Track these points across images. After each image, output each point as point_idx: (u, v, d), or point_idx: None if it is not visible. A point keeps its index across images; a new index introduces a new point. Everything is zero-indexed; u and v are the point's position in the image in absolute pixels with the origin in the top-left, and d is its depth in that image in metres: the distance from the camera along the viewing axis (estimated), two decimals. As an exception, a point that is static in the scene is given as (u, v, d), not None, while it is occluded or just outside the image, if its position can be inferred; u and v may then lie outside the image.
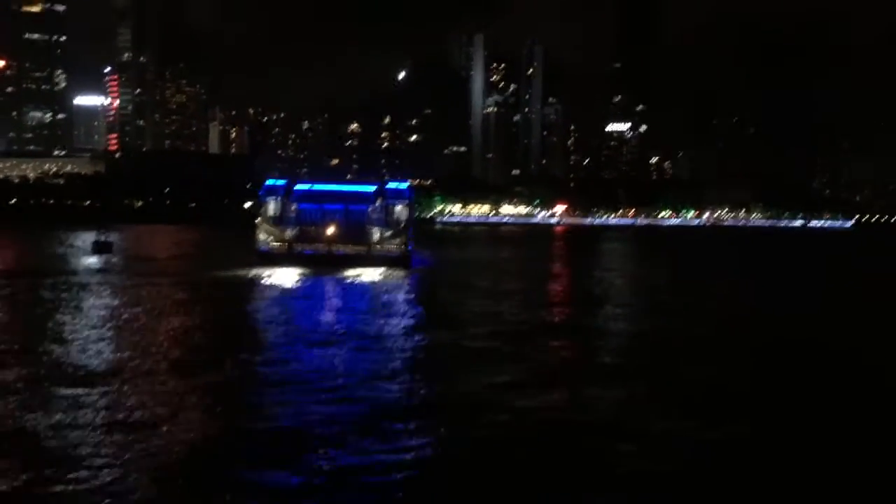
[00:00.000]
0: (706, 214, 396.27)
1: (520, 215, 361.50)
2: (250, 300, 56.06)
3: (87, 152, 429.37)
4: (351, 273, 73.51)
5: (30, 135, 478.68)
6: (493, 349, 37.50)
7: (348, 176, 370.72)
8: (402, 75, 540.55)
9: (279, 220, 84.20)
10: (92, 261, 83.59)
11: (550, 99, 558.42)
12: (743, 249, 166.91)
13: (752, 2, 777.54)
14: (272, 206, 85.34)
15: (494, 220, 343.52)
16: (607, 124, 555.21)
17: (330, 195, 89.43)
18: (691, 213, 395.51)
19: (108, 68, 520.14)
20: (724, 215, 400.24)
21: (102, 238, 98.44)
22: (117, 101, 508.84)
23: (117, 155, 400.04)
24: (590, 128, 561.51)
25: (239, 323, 45.14)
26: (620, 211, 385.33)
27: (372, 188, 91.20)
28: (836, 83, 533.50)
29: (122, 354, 34.03)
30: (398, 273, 76.12)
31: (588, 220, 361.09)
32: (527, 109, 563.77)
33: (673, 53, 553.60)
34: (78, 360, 32.40)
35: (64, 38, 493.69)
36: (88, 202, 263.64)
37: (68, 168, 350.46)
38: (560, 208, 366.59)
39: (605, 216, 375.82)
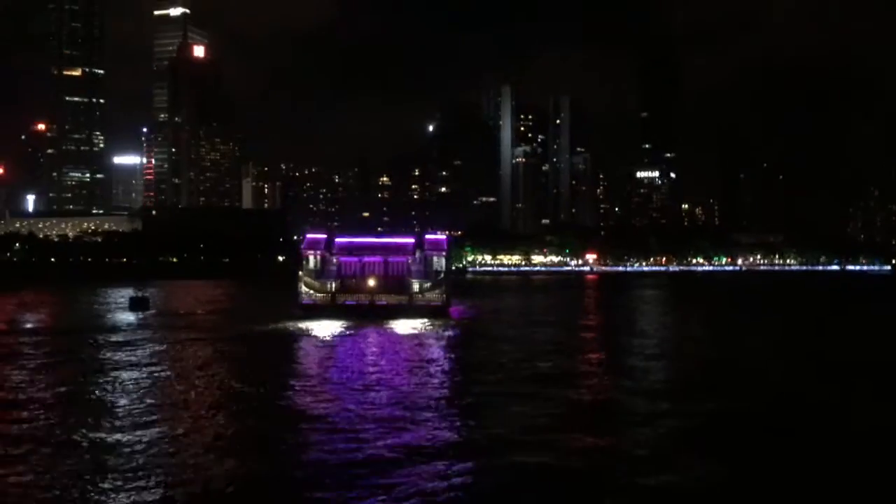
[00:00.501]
0: (739, 260, 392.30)
1: (551, 264, 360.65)
2: (298, 352, 57.14)
3: (124, 210, 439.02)
4: (394, 324, 74.24)
5: (69, 194, 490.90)
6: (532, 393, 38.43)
7: (379, 228, 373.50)
8: (431, 128, 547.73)
9: (320, 273, 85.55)
10: (129, 317, 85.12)
11: (578, 148, 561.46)
12: (781, 296, 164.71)
13: (776, 50, 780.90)
14: (313, 260, 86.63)
15: (525, 269, 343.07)
16: (636, 172, 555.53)
17: (369, 247, 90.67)
18: (724, 260, 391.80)
19: (145, 129, 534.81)
20: (758, 261, 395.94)
21: (139, 294, 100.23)
22: (153, 160, 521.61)
23: (153, 212, 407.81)
24: (619, 176, 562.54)
25: (289, 374, 45.99)
26: (652, 258, 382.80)
27: (410, 240, 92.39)
28: (863, 128, 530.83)
29: (185, 400, 34.94)
30: (438, 323, 76.73)
31: (620, 268, 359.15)
32: (555, 159, 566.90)
33: (699, 101, 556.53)
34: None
35: (103, 100, 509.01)
36: (125, 259, 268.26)
37: (106, 226, 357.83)
38: (591, 257, 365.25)
39: (638, 264, 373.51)
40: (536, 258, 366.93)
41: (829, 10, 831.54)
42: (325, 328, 70.89)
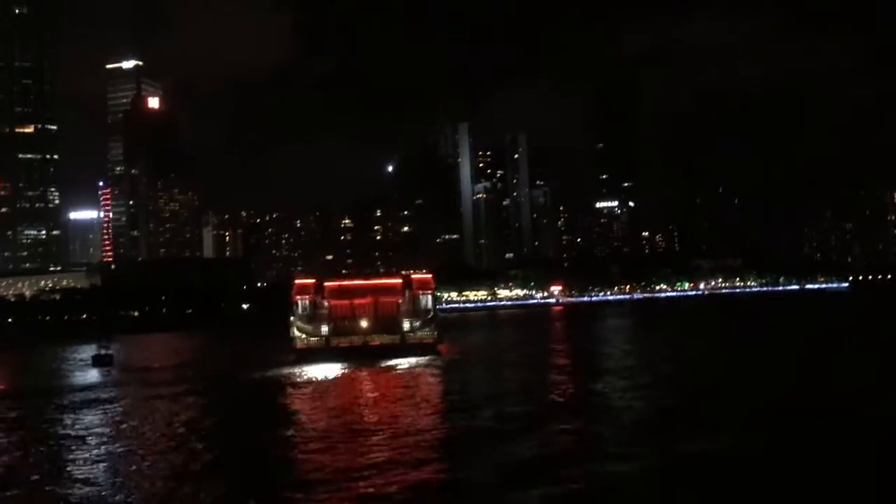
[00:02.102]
0: (702, 285, 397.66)
1: (517, 298, 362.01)
2: (299, 399, 56.88)
3: (82, 266, 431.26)
4: (390, 363, 75.41)
5: (25, 253, 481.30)
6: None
7: (343, 270, 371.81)
8: (390, 168, 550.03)
9: (312, 318, 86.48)
10: (93, 374, 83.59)
11: (538, 182, 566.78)
12: (746, 317, 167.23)
13: (728, 78, 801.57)
14: (303, 304, 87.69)
15: (492, 304, 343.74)
16: (595, 202, 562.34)
17: (359, 289, 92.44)
18: (687, 285, 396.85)
19: (101, 183, 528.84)
20: (719, 284, 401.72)
21: (102, 351, 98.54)
22: (111, 214, 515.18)
23: (112, 266, 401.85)
24: (579, 207, 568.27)
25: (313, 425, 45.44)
26: (616, 287, 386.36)
27: (398, 281, 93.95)
28: (814, 151, 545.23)
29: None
30: (431, 360, 78.50)
31: (585, 298, 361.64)
32: (515, 193, 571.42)
33: (653, 127, 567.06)
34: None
35: (57, 156, 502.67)
36: (85, 315, 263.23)
37: (64, 283, 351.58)
38: (556, 288, 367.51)
39: (602, 293, 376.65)
40: (502, 292, 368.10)
41: (778, 37, 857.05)
42: (322, 371, 71.35)
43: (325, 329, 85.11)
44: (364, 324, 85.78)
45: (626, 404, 47.69)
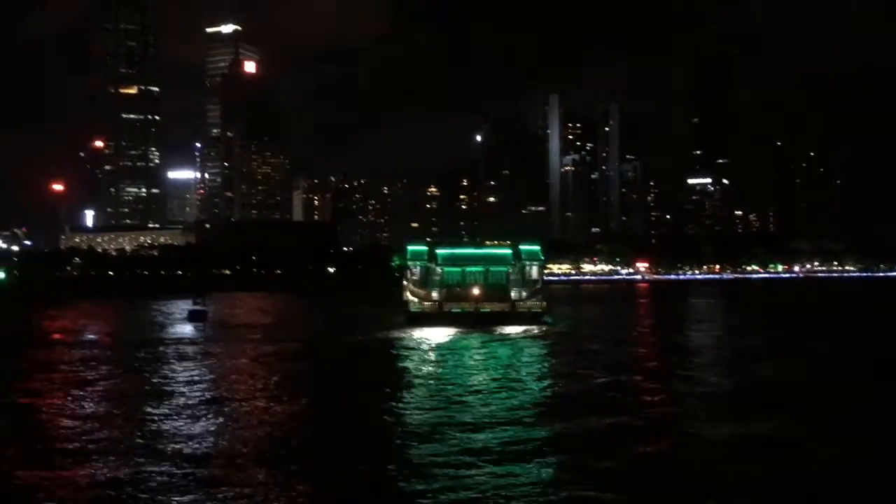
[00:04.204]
0: (796, 267, 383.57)
1: (601, 273, 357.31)
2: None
3: (179, 224, 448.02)
4: (502, 330, 77.50)
5: (126, 209, 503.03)
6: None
7: (427, 238, 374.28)
8: (479, 138, 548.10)
9: (425, 283, 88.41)
10: (189, 329, 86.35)
11: (628, 156, 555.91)
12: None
13: (834, 54, 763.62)
14: (418, 270, 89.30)
15: (576, 278, 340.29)
16: (687, 179, 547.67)
17: (471, 258, 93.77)
18: (780, 267, 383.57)
19: (199, 144, 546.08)
20: (816, 267, 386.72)
21: (198, 307, 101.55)
22: (207, 175, 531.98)
23: (207, 226, 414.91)
24: (670, 183, 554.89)
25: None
26: (705, 266, 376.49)
27: (509, 251, 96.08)
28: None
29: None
30: (539, 328, 79.92)
31: (672, 276, 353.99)
32: (604, 167, 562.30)
33: (752, 105, 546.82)
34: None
35: (158, 117, 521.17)
36: (180, 272, 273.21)
37: (161, 240, 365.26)
38: (642, 265, 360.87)
39: (690, 271, 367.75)
40: (586, 267, 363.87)
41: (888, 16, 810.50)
42: (438, 335, 73.57)
43: (437, 294, 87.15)
44: (475, 291, 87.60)
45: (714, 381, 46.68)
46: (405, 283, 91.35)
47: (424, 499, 23.50)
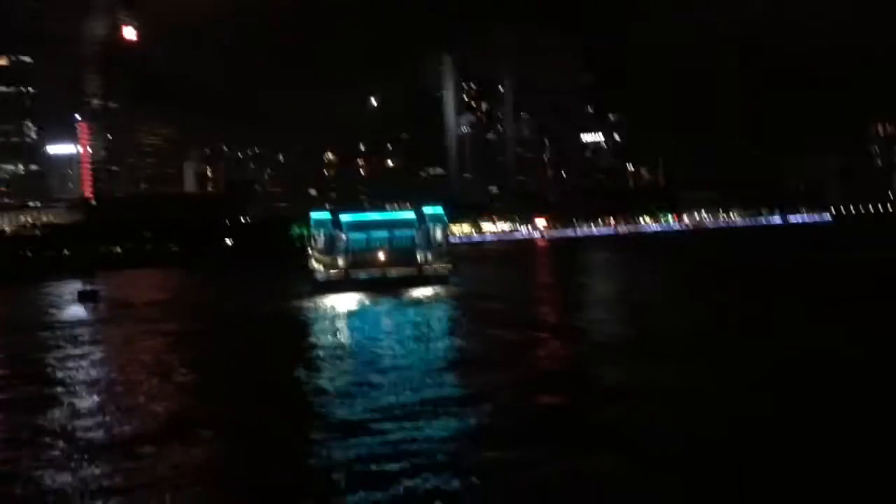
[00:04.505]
0: (686, 218, 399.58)
1: (502, 232, 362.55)
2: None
3: (62, 202, 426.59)
4: (410, 293, 78.78)
5: (4, 188, 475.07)
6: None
7: (326, 205, 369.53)
8: (374, 101, 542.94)
9: (330, 250, 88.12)
10: (79, 311, 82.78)
11: (523, 114, 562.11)
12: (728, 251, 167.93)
13: (717, 13, 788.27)
14: (322, 238, 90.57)
15: (477, 238, 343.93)
16: (581, 136, 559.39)
17: (376, 223, 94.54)
18: (671, 218, 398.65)
19: (79, 117, 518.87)
20: (704, 217, 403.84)
21: (88, 287, 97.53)
22: (90, 149, 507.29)
23: (94, 202, 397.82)
24: (565, 141, 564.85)
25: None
26: (601, 221, 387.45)
27: (413, 214, 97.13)
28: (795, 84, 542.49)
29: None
30: (446, 289, 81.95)
31: (570, 232, 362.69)
32: (500, 127, 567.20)
33: (641, 62, 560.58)
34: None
35: (33, 89, 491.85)
36: (67, 251, 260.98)
37: (45, 218, 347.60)
38: (541, 222, 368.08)
39: (587, 227, 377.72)
40: (487, 227, 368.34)
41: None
42: (346, 301, 73.51)
43: (343, 261, 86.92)
44: (381, 256, 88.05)
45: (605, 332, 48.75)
46: (310, 251, 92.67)
47: (339, 460, 23.51)
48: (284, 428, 27.62)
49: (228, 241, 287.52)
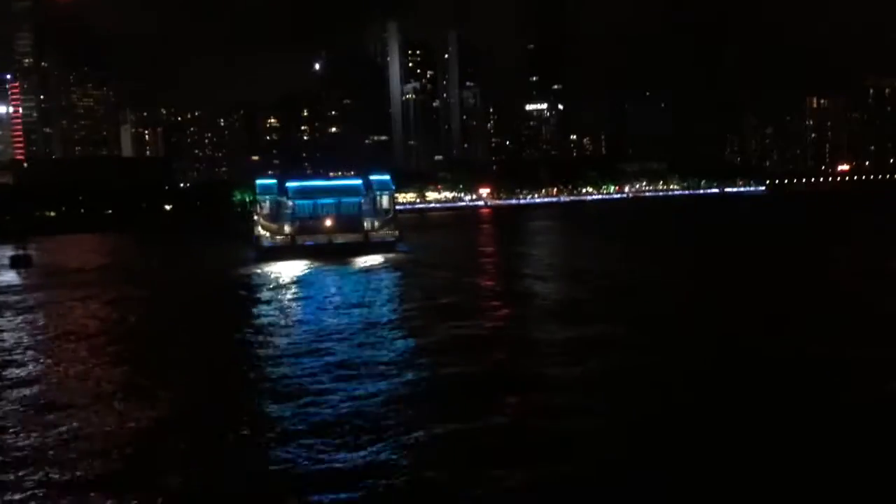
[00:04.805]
0: (627, 188, 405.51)
1: (446, 200, 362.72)
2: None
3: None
4: (356, 260, 79.00)
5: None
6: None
7: (269, 172, 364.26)
8: (317, 66, 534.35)
9: (276, 217, 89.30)
10: (11, 276, 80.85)
11: (468, 83, 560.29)
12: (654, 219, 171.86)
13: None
14: (268, 205, 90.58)
15: (420, 206, 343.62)
16: (525, 105, 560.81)
17: (322, 190, 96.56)
18: (612, 188, 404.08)
19: (9, 76, 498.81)
20: (644, 188, 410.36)
21: (20, 252, 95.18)
22: (21, 110, 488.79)
23: (25, 165, 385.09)
24: (509, 110, 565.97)
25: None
26: (544, 190, 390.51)
27: (359, 182, 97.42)
28: (739, 56, 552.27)
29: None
30: (392, 257, 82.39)
31: (513, 201, 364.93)
32: (445, 95, 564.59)
33: (584, 30, 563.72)
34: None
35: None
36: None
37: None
38: (484, 191, 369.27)
39: (530, 196, 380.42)
40: (431, 195, 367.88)
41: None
42: (293, 268, 72.72)
43: (289, 228, 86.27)
44: (328, 223, 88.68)
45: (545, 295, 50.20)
46: (255, 217, 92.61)
47: (290, 416, 24.11)
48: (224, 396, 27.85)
49: (167, 207, 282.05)
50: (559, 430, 23.22)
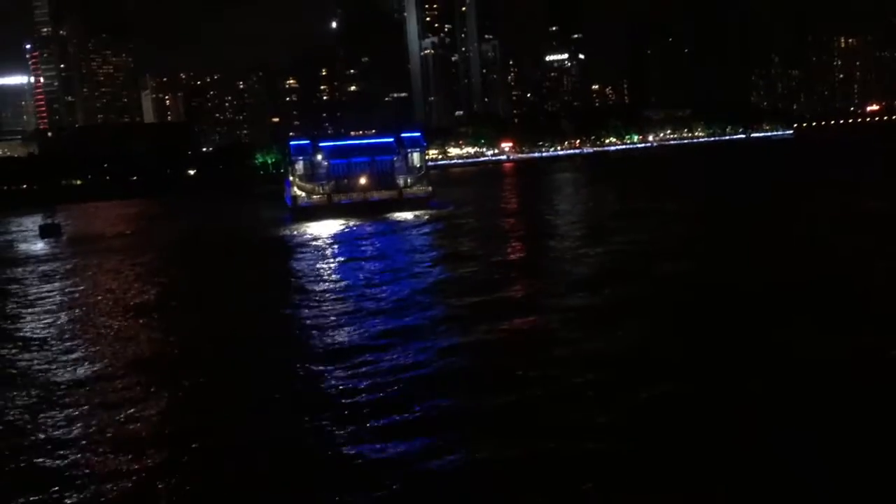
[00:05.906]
0: (651, 137, 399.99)
1: (468, 155, 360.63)
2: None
3: (17, 134, 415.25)
4: (392, 216, 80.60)
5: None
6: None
7: (291, 133, 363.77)
8: (334, 24, 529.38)
9: (311, 177, 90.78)
10: (42, 246, 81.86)
11: (487, 35, 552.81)
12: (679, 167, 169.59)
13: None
14: (302, 165, 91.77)
15: (443, 162, 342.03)
16: (545, 56, 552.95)
17: (356, 149, 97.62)
18: (636, 138, 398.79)
19: (28, 45, 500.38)
20: (668, 136, 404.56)
21: (49, 221, 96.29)
22: (42, 79, 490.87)
23: (49, 134, 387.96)
24: (529, 62, 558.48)
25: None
26: (566, 142, 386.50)
27: (392, 139, 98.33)
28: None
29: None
30: (426, 214, 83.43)
31: (535, 154, 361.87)
32: (464, 48, 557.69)
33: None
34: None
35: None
36: (25, 185, 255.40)
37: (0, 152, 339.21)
38: (507, 145, 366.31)
39: (553, 148, 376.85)
40: (453, 150, 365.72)
41: None
42: (331, 227, 73.88)
43: (325, 187, 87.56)
44: (363, 181, 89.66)
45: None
46: (290, 178, 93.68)
47: (343, 377, 24.50)
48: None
49: (191, 171, 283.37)
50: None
